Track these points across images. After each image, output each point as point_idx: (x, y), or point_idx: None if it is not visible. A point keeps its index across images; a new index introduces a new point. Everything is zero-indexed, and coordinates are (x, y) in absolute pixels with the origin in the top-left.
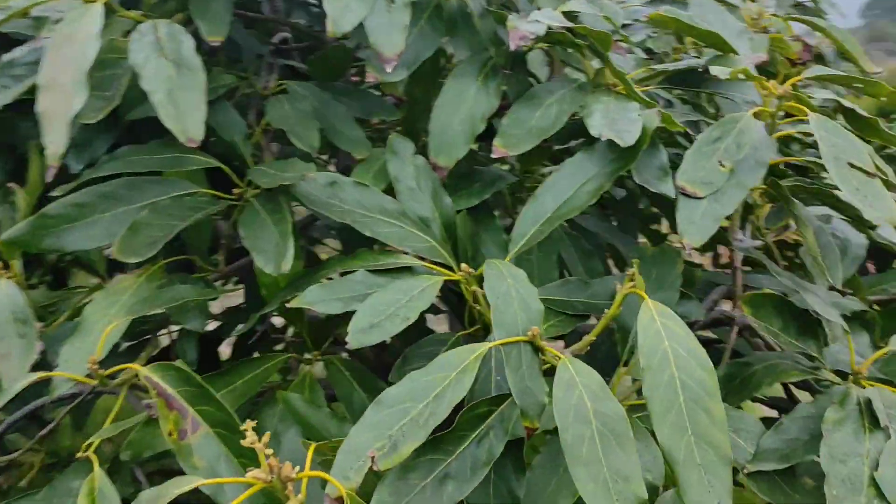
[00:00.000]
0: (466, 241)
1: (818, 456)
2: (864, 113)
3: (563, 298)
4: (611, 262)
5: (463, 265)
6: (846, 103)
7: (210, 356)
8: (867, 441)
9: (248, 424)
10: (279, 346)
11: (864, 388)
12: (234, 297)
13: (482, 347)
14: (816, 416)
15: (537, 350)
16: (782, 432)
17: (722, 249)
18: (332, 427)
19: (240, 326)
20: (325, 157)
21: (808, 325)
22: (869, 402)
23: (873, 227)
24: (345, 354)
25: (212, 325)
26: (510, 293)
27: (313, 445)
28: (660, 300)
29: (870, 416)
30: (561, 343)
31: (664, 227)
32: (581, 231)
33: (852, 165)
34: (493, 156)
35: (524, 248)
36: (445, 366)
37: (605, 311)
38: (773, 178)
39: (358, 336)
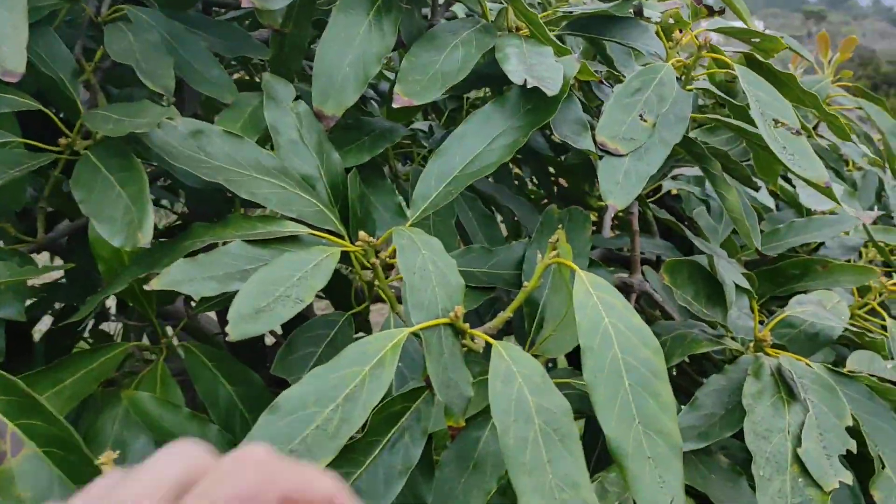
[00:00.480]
0: (356, 205)
1: (735, 431)
2: (780, 69)
3: (465, 269)
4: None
5: (361, 234)
6: (760, 57)
7: (20, 346)
8: (787, 414)
9: (108, 457)
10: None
11: (771, 356)
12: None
13: (400, 334)
14: (729, 388)
15: (458, 334)
16: (697, 408)
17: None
18: (194, 431)
19: (68, 312)
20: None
21: (715, 291)
22: (781, 371)
23: (757, 189)
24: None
25: None
26: (427, 267)
27: None
28: None
29: (786, 388)
30: (480, 328)
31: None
32: (476, 194)
33: (777, 121)
34: (395, 105)
35: (429, 212)
36: (358, 358)
37: (511, 282)
38: (686, 136)
39: (240, 325)
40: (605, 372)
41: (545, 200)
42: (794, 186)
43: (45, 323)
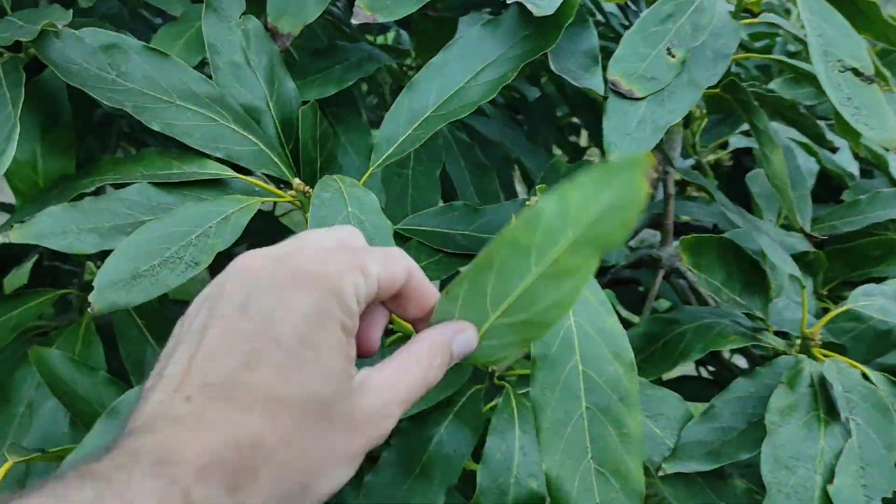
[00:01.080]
0: (315, 146)
1: (756, 452)
2: None
3: (442, 230)
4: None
5: (296, 182)
6: None
7: None
8: (822, 438)
9: None
10: None
11: (817, 359)
12: None
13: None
14: (756, 396)
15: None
16: (712, 419)
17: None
18: (110, 399)
19: None
20: None
21: (754, 276)
22: (824, 383)
23: (834, 150)
24: None
25: None
26: None
27: (10, 462)
28: None
29: (825, 404)
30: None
31: (584, 139)
32: (478, 139)
33: (844, 65)
34: (354, 21)
35: (393, 159)
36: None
37: None
38: (732, 79)
39: (109, 293)
40: (559, 389)
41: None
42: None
43: None
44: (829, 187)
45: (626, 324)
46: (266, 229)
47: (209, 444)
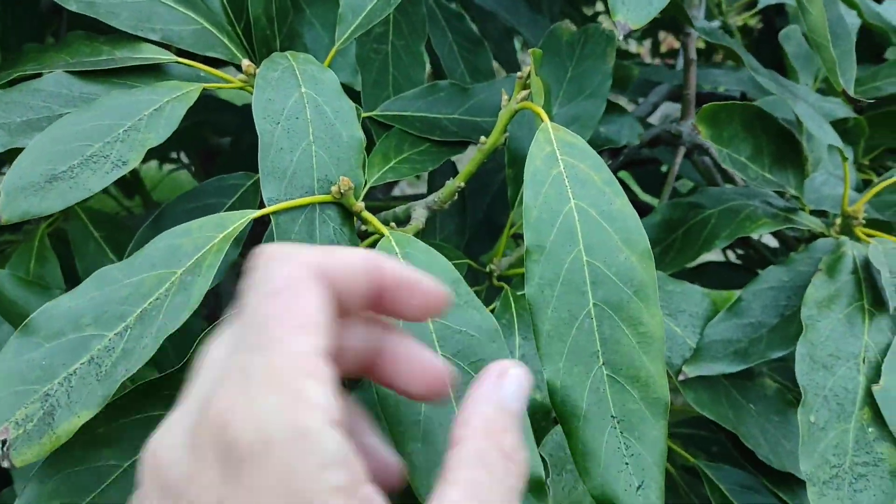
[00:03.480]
0: (270, 23)
1: (790, 350)
2: None
3: (427, 115)
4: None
5: (245, 63)
6: None
7: None
8: (866, 333)
9: None
10: None
11: (860, 240)
12: None
13: (240, 219)
14: (790, 286)
15: (350, 217)
16: (739, 314)
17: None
18: None
19: None
20: None
21: (786, 148)
22: (869, 268)
23: (880, 0)
24: None
25: None
26: (301, 114)
27: None
28: (578, 115)
29: (870, 292)
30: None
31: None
32: (471, 8)
33: None
34: None
35: (361, 31)
36: (168, 256)
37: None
38: None
39: (20, 199)
40: (560, 284)
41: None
42: None
43: None
44: (871, 45)
45: (646, 208)
46: (221, 120)
47: None
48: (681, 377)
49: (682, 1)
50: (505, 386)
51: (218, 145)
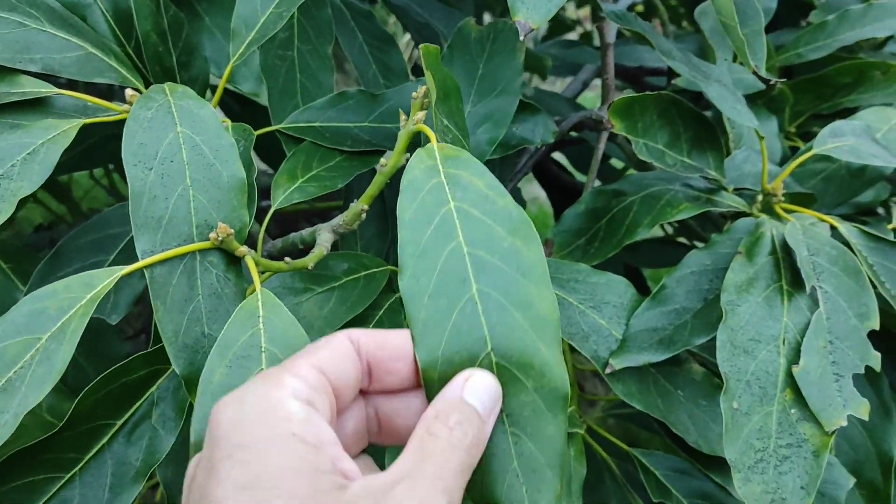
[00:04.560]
0: (162, 39)
1: (712, 336)
2: None
3: (337, 125)
4: None
5: (129, 92)
6: None
7: None
8: (785, 314)
9: None
10: None
11: (781, 218)
12: None
13: (107, 279)
14: (713, 269)
15: (235, 261)
16: (663, 301)
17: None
18: None
19: None
20: None
21: (703, 130)
22: (788, 248)
23: None
24: None
25: None
26: (178, 155)
27: None
28: (490, 112)
29: (789, 272)
30: (327, 225)
31: None
32: (381, 4)
33: None
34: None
35: (255, 44)
36: (30, 322)
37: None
38: None
39: None
40: (437, 274)
41: None
42: None
43: None
44: (795, 6)
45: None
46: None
47: None
48: (608, 370)
49: None
50: (466, 387)
51: None
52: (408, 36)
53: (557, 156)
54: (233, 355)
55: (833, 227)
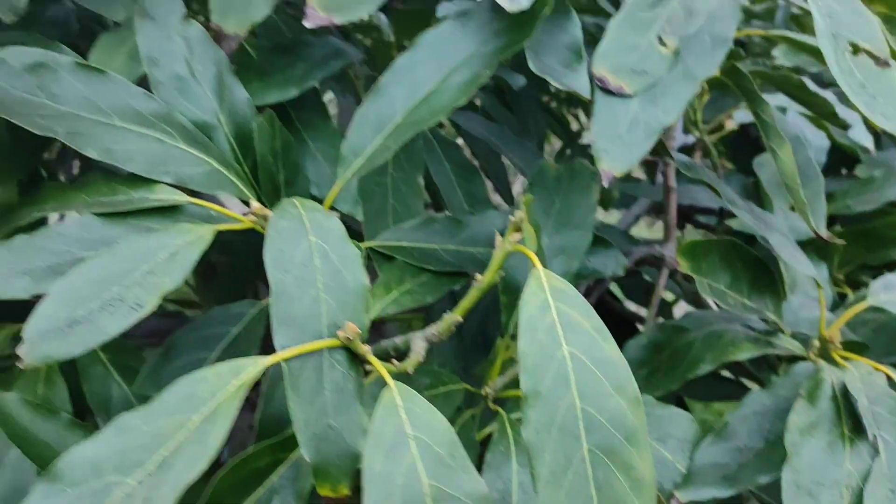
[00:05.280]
0: (275, 159)
1: (777, 473)
2: None
3: (424, 246)
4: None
5: (254, 204)
6: None
7: None
8: (847, 460)
9: None
10: None
11: (837, 364)
12: None
13: (252, 368)
14: (774, 410)
15: (357, 360)
16: (727, 438)
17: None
18: (73, 444)
19: None
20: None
21: (762, 274)
22: (848, 395)
23: (846, 127)
24: None
25: None
26: (311, 262)
27: None
28: (565, 245)
29: (850, 419)
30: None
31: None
32: (463, 134)
33: (856, 47)
34: (308, 24)
35: (363, 172)
36: (183, 403)
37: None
38: (732, 63)
39: (42, 344)
40: (556, 429)
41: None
42: None
43: None
44: (840, 159)
45: (635, 318)
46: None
47: None
48: (673, 502)
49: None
50: None
51: (217, 262)
52: None
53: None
54: (386, 446)
55: (889, 378)
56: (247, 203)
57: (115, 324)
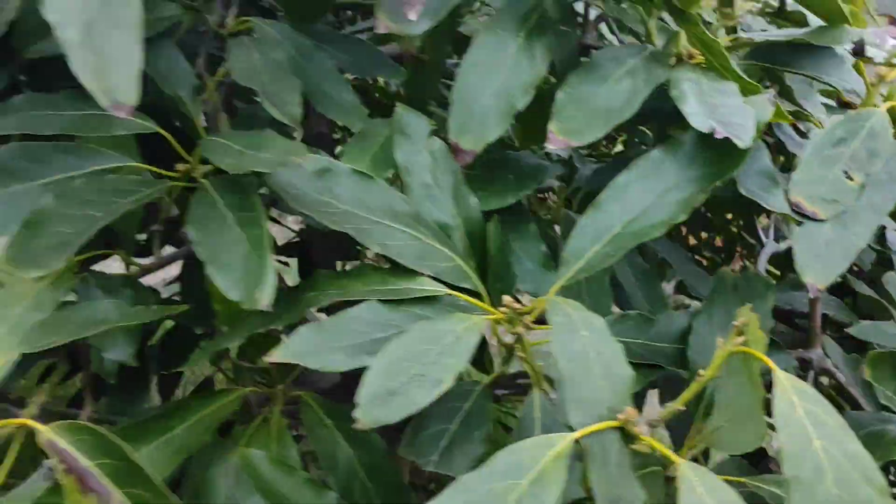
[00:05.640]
0: (497, 258)
1: None
2: None
3: (621, 340)
4: None
5: (506, 298)
6: None
7: (133, 379)
8: None
9: None
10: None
11: None
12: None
13: (562, 442)
14: None
15: (627, 438)
16: None
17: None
18: (310, 499)
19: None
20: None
21: None
22: None
23: None
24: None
25: None
26: (588, 354)
27: None
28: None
29: None
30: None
31: None
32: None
33: None
34: (550, 146)
35: (583, 275)
36: (510, 469)
37: (673, 358)
38: None
39: (372, 409)
40: None
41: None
42: None
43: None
44: None
45: None
46: None
47: None
48: None
49: None
50: None
51: None
52: None
53: None
54: None
55: None
56: (474, 294)
57: (423, 396)
